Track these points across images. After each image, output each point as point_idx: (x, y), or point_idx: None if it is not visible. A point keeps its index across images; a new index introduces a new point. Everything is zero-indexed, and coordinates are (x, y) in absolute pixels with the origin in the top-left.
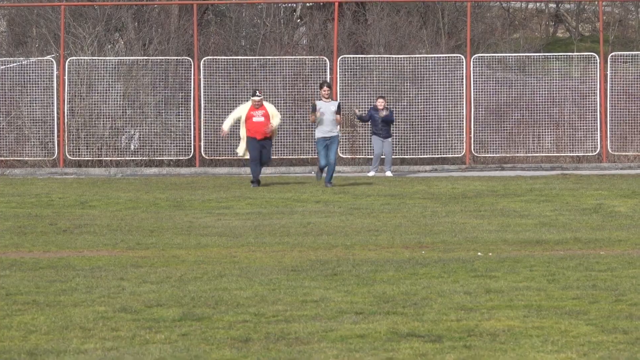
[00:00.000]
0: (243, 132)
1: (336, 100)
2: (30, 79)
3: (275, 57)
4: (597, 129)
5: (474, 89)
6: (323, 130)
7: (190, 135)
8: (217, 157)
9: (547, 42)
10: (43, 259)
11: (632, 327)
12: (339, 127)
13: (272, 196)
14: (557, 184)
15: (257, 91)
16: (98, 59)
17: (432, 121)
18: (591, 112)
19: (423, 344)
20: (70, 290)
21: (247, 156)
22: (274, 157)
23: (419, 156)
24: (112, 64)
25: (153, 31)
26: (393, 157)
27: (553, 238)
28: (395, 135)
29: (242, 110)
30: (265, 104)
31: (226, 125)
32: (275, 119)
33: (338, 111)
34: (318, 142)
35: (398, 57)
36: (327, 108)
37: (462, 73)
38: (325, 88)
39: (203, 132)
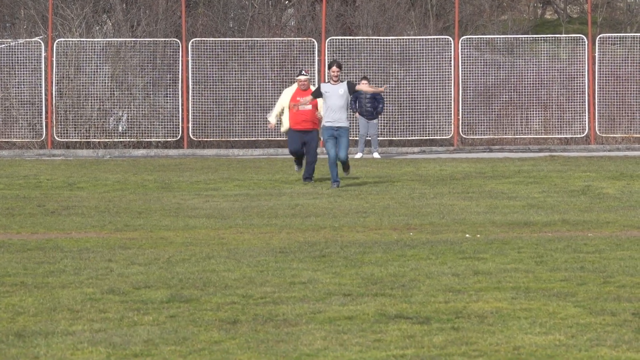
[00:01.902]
0: (286, 121)
1: (344, 80)
2: (18, 60)
3: (263, 38)
4: (585, 110)
5: (462, 71)
6: (330, 117)
7: (178, 116)
8: (205, 139)
9: (535, 24)
10: (31, 240)
11: (620, 309)
12: (346, 114)
13: (260, 178)
14: (545, 166)
15: (304, 70)
16: (86, 41)
17: (420, 103)
18: (579, 94)
19: (411, 325)
20: (58, 271)
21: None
22: (263, 138)
23: (407, 138)
24: (100, 46)
25: (141, 13)
26: (381, 138)
27: (541, 220)
28: (383, 117)
29: (286, 97)
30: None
31: (272, 117)
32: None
33: (353, 88)
34: (323, 131)
35: (386, 39)
36: (334, 92)
37: (450, 55)
38: (334, 68)
39: (191, 113)
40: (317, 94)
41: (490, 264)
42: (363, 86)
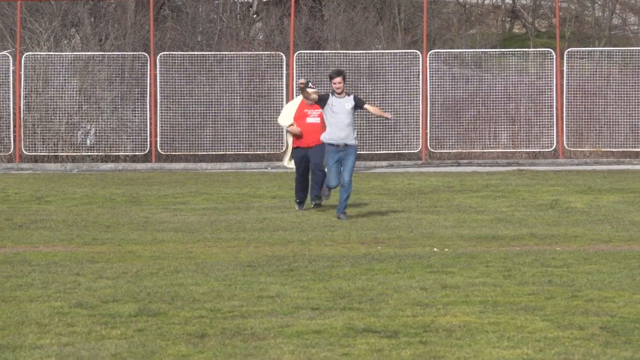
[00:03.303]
0: (290, 138)
1: (350, 93)
2: None
3: (231, 52)
4: (553, 124)
5: (430, 85)
6: (334, 135)
7: (147, 130)
8: (173, 153)
9: (503, 38)
10: None
11: (588, 322)
12: (355, 132)
13: (228, 192)
14: (513, 180)
15: (310, 82)
16: (54, 54)
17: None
18: (547, 108)
19: (379, 339)
20: (26, 285)
21: (290, 166)
22: (231, 152)
23: (375, 152)
24: (69, 59)
25: (109, 26)
26: None
27: (509, 234)
28: None
29: (289, 111)
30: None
31: (286, 121)
32: None
33: (361, 104)
34: (328, 151)
35: (354, 53)
36: (341, 106)
37: (419, 69)
38: (337, 79)
39: (159, 127)
40: (322, 102)
41: (458, 277)
42: (370, 107)
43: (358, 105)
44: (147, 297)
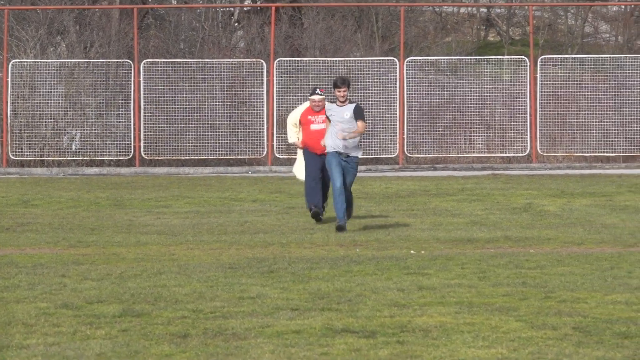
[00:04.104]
0: (300, 160)
1: (350, 101)
2: None
3: (213, 60)
4: (527, 130)
5: (407, 91)
6: (334, 144)
7: (131, 136)
8: (157, 157)
9: (478, 46)
10: None
11: (561, 323)
12: (358, 140)
13: (210, 195)
14: (488, 184)
15: (318, 89)
16: (41, 62)
17: (366, 122)
18: (521, 113)
19: (357, 339)
20: (13, 287)
21: (300, 176)
22: (213, 156)
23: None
24: (55, 67)
25: (94, 34)
26: None
27: (484, 236)
28: None
29: (295, 117)
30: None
31: (293, 138)
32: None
33: (357, 116)
34: (329, 158)
35: (333, 60)
36: (339, 115)
37: (396, 76)
38: (341, 88)
39: (143, 133)
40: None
41: (434, 279)
42: (360, 126)
43: (355, 117)
44: (131, 298)
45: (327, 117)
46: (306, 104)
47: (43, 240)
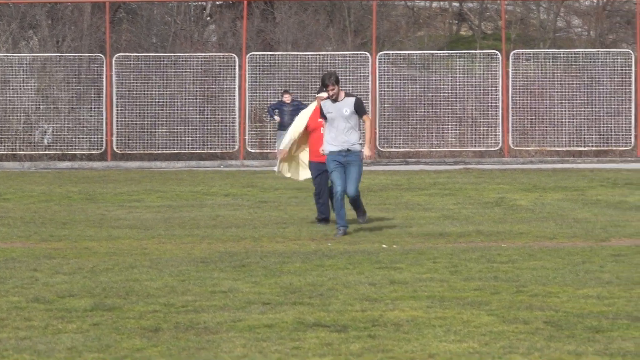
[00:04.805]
0: (297, 151)
1: (349, 95)
2: None
3: (185, 54)
4: (499, 124)
5: (379, 86)
6: (335, 141)
7: (103, 130)
8: (129, 152)
9: (450, 40)
10: None
11: (532, 317)
12: (358, 135)
13: (182, 189)
14: (460, 178)
15: (330, 82)
16: (13, 56)
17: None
18: (493, 108)
19: (329, 333)
20: None
21: (288, 174)
22: (185, 151)
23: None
24: (27, 61)
25: (66, 28)
26: None
27: (456, 231)
28: None
29: (302, 120)
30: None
31: (284, 144)
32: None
33: (360, 112)
34: (328, 160)
35: (305, 54)
36: (337, 111)
37: (368, 70)
38: (329, 86)
39: (115, 127)
40: (322, 114)
41: (406, 273)
42: (367, 124)
43: (358, 112)
44: (102, 292)
45: (324, 117)
46: (313, 105)
47: (15, 234)
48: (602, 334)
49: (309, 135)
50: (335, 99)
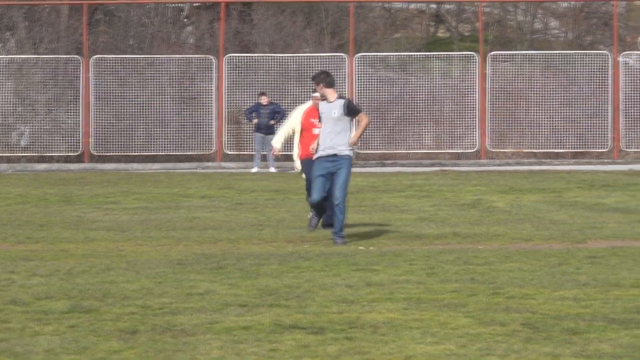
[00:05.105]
0: (297, 150)
1: (341, 97)
2: None
3: (162, 56)
4: (476, 126)
5: (356, 87)
6: (323, 145)
7: (80, 132)
8: (106, 153)
9: (427, 42)
10: None
11: (509, 319)
12: (349, 138)
13: (158, 191)
14: (437, 180)
15: (315, 83)
16: None
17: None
18: (470, 110)
19: (306, 335)
20: None
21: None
22: (162, 152)
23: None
24: (4, 62)
25: (44, 30)
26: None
27: (432, 232)
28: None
29: (295, 118)
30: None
31: (277, 142)
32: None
33: (351, 113)
34: (315, 165)
35: (283, 56)
36: (327, 113)
37: (345, 71)
38: (320, 85)
39: (92, 128)
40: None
41: (382, 275)
42: (363, 121)
43: (350, 113)
44: (79, 294)
45: (320, 117)
46: (308, 104)
47: None
48: (579, 335)
49: (302, 133)
50: (325, 100)
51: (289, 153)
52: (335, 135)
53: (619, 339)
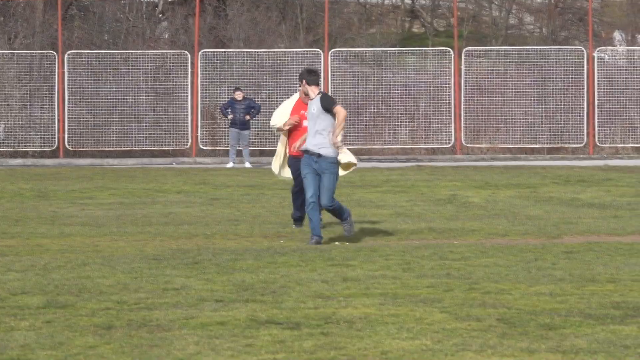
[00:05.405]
0: (281, 146)
1: (320, 92)
2: None
3: (137, 51)
4: (451, 121)
5: (331, 83)
6: (308, 143)
7: (55, 127)
8: (81, 149)
9: (402, 37)
10: None
11: (485, 314)
12: (338, 138)
13: (134, 187)
14: (412, 175)
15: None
16: None
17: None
18: (445, 105)
19: (281, 330)
20: None
21: (285, 174)
22: (137, 148)
23: (277, 148)
24: None
25: (18, 25)
26: (252, 148)
27: (408, 228)
28: (254, 128)
29: (283, 110)
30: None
31: (279, 123)
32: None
33: (326, 107)
34: (302, 163)
35: (258, 52)
36: (310, 110)
37: (320, 67)
38: (303, 82)
39: (67, 124)
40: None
41: (358, 270)
42: (339, 114)
43: (325, 108)
44: (55, 290)
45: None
46: (294, 97)
47: None
48: (555, 331)
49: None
50: (309, 96)
51: (263, 148)
52: (316, 134)
53: (595, 334)
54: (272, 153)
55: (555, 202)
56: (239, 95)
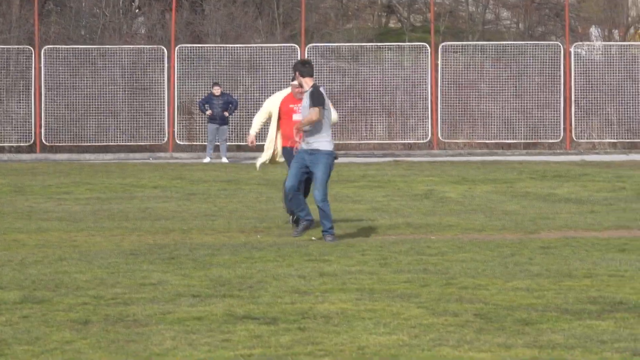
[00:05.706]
0: (272, 137)
1: (314, 86)
2: None
3: (114, 46)
4: (428, 117)
5: None
6: (305, 139)
7: (31, 122)
8: (58, 144)
9: (379, 33)
10: None
11: (462, 309)
12: (328, 135)
13: (111, 182)
14: (389, 171)
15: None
16: None
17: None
18: (422, 100)
19: (258, 326)
20: None
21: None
22: (114, 143)
23: (255, 143)
24: None
25: None
26: (229, 143)
27: (385, 223)
28: (232, 123)
29: (272, 103)
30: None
31: (253, 130)
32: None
33: (313, 102)
34: (297, 154)
35: (234, 47)
36: (303, 103)
37: None
38: (297, 73)
39: (44, 119)
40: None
41: (335, 266)
42: (312, 112)
43: (313, 100)
44: (31, 285)
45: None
46: (286, 90)
47: None
48: (532, 326)
49: (281, 120)
50: (301, 90)
51: (240, 143)
52: (310, 130)
53: (572, 329)
54: (249, 148)
55: (532, 197)
56: (217, 91)
